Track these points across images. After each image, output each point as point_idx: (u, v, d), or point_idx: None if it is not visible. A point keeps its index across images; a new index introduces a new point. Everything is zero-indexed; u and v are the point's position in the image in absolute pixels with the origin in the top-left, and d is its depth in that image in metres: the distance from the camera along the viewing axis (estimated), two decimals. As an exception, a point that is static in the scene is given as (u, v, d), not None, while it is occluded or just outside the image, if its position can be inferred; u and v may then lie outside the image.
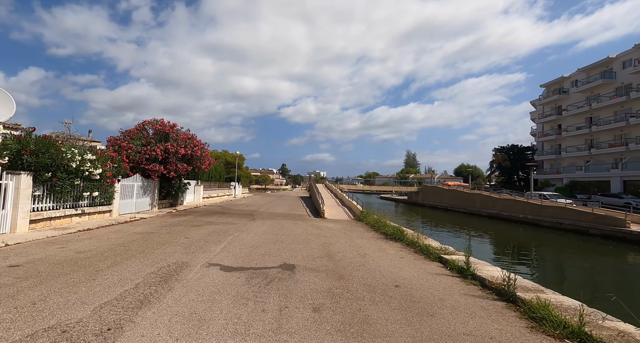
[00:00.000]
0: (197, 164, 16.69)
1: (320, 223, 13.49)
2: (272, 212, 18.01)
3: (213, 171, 27.86)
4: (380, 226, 11.70)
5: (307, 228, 11.69)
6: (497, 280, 5.01)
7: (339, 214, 17.61)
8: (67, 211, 9.46)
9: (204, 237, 8.78)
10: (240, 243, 8.19)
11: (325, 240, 9.20)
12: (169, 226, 10.55)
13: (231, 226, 11.24)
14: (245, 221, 12.94)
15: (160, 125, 15.51)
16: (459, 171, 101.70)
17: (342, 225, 13.36)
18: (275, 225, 12.34)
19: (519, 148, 52.74)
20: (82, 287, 4.29)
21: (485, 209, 28.97)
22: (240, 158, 65.30)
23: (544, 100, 46.55)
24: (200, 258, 6.34)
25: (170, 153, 14.88)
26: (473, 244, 16.35)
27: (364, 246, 8.56)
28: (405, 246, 8.69)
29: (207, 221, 12.35)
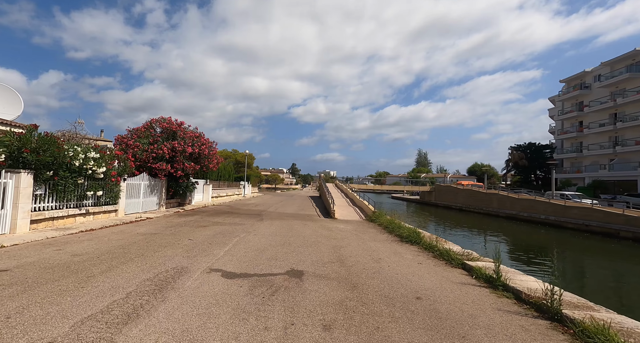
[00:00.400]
0: (205, 163, 16.38)
1: (331, 224, 12.94)
2: (281, 212, 17.56)
3: (222, 170, 27.66)
4: (394, 227, 11.06)
5: (317, 230, 11.15)
6: (536, 292, 4.35)
7: (350, 214, 17.01)
8: (71, 211, 9.21)
9: (208, 239, 8.36)
10: (246, 245, 7.72)
11: (336, 243, 8.64)
12: (174, 227, 10.21)
13: (238, 227, 10.81)
14: (253, 222, 12.51)
15: (168, 123, 15.26)
16: (472, 171, 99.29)
17: (354, 226, 12.77)
18: (283, 225, 11.86)
19: (536, 146, 50.83)
20: (68, 297, 3.87)
21: (503, 210, 27.78)
22: (250, 157, 65.29)
23: (563, 96, 44.61)
24: (201, 262, 5.89)
25: (177, 152, 14.61)
26: (493, 247, 15.40)
27: (377, 249, 7.97)
28: (422, 250, 8.04)
29: (214, 222, 11.97)
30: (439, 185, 43.03)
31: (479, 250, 12.17)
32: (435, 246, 7.81)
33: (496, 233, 20.94)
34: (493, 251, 6.45)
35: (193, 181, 17.05)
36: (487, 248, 13.16)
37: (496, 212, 28.73)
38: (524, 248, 15.66)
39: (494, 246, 15.80)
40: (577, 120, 42.15)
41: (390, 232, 10.96)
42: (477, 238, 18.40)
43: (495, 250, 5.97)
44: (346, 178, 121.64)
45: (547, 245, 17.44)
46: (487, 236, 19.80)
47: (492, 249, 14.19)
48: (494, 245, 16.18)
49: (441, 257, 7.14)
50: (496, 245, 9.60)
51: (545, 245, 17.36)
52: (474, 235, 19.84)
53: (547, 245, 17.44)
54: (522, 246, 16.72)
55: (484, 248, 14.68)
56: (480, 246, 15.32)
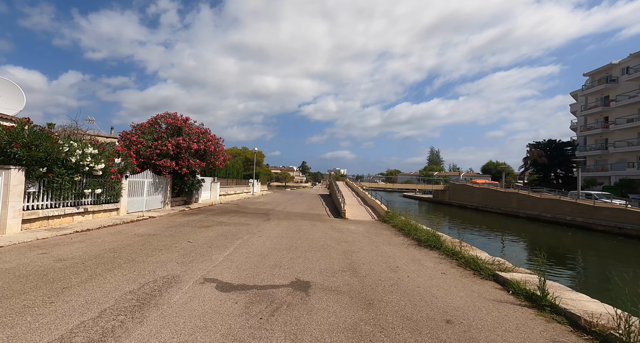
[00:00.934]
0: (211, 160, 15.86)
1: (341, 225, 12.18)
2: (289, 211, 16.90)
3: (230, 167, 27.24)
4: (410, 229, 10.22)
5: (327, 231, 10.41)
6: (600, 319, 3.49)
7: (362, 214, 16.20)
8: (68, 210, 8.76)
9: (209, 241, 7.74)
10: (249, 249, 7.05)
11: (347, 247, 7.88)
12: (175, 227, 9.66)
13: (242, 228, 10.18)
14: (259, 222, 11.88)
15: (173, 119, 14.78)
16: (486, 169, 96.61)
17: (366, 227, 11.97)
18: (291, 226, 11.17)
19: (557, 143, 48.52)
20: (28, 316, 3.26)
21: (524, 210, 26.37)
22: (260, 155, 65.01)
23: (587, 90, 42.34)
24: (196, 270, 5.24)
25: (182, 148, 14.11)
26: (517, 251, 14.19)
27: (393, 255, 7.17)
28: (444, 257, 7.20)
29: (218, 221, 11.39)
30: (454, 184, 41.55)
31: (507, 255, 11.25)
32: (459, 253, 6.96)
33: (519, 235, 19.69)
34: (525, 258, 5.59)
35: (199, 179, 16.58)
36: (515, 254, 12.13)
37: (515, 212, 27.31)
38: (555, 252, 14.45)
39: (521, 250, 14.66)
40: (602, 115, 39.90)
41: (406, 235, 10.12)
42: (499, 241, 17.23)
43: (542, 262, 5.08)
44: (357, 176, 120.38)
45: (579, 249, 16.15)
46: (510, 239, 18.58)
47: (522, 255, 13.06)
48: (521, 250, 15.04)
49: (467, 266, 6.28)
50: (529, 251, 8.64)
51: (577, 249, 16.08)
52: (495, 238, 18.65)
53: (579, 249, 16.15)
54: (552, 250, 15.48)
55: (510, 253, 13.61)
56: (507, 251, 14.19)
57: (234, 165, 28.21)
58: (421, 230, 9.80)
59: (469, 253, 6.87)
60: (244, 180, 31.85)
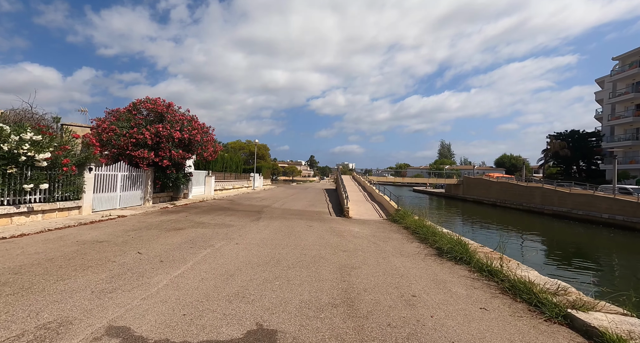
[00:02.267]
0: (198, 151, 14.14)
1: (343, 226, 10.32)
2: (287, 208, 15.12)
3: (228, 160, 25.60)
4: (426, 233, 8.29)
5: (324, 235, 8.57)
6: None
7: (368, 212, 14.30)
8: (3, 209, 7.14)
9: (167, 251, 6.00)
10: (213, 264, 5.27)
11: (346, 259, 6.02)
12: (139, 230, 7.96)
13: (222, 231, 8.42)
14: (246, 222, 10.12)
15: (153, 104, 13.05)
16: (500, 162, 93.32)
17: (372, 229, 10.08)
18: (282, 228, 9.37)
19: (580, 133, 45.35)
20: None
21: (549, 207, 23.94)
22: (264, 148, 63.46)
23: (616, 76, 38.96)
24: (111, 306, 3.47)
25: (162, 137, 12.40)
26: (563, 260, 11.73)
27: (408, 273, 5.28)
28: (477, 276, 5.27)
29: (197, 222, 9.67)
30: (468, 177, 39.02)
31: (559, 271, 9.29)
32: (500, 272, 5.02)
33: (550, 236, 17.38)
34: (580, 271, 3.64)
35: (187, 173, 14.91)
36: (566, 266, 10.00)
37: (540, 209, 24.89)
38: (610, 263, 12.15)
39: (567, 259, 12.20)
40: (634, 103, 36.67)
41: (421, 240, 8.19)
42: (531, 244, 14.92)
43: (609, 281, 3.10)
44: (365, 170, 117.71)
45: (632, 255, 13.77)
46: (541, 241, 16.27)
47: (574, 267, 10.72)
48: (567, 258, 12.63)
49: (517, 295, 4.35)
50: (581, 260, 6.56)
51: (629, 255, 13.71)
52: (524, 240, 16.36)
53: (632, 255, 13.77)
54: (603, 259, 13.18)
55: (554, 263, 11.48)
56: (550, 261, 11.96)
57: (232, 158, 26.59)
58: (441, 234, 7.85)
59: (514, 273, 4.92)
60: (245, 174, 30.24)
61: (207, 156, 14.73)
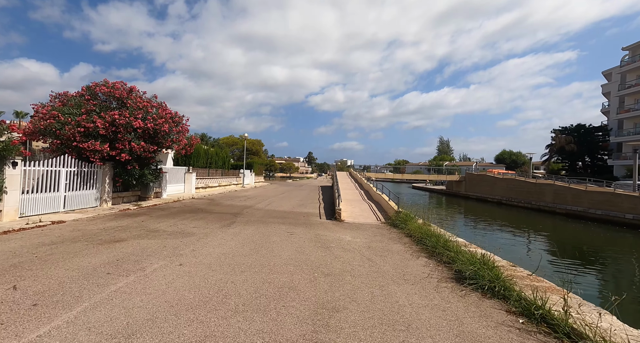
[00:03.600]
0: (168, 144, 12.21)
1: (332, 233, 8.45)
2: (272, 209, 13.25)
3: (214, 156, 23.63)
4: (436, 244, 6.45)
5: (305, 247, 6.69)
6: None
7: (363, 214, 12.45)
8: None
9: (62, 283, 4.11)
10: (112, 312, 3.39)
11: (325, 292, 4.15)
12: (58, 244, 6.07)
13: (173, 243, 6.54)
14: (213, 229, 8.24)
15: (109, 87, 11.07)
16: (500, 158, 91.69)
17: (367, 236, 8.22)
18: (255, 237, 7.50)
19: (586, 128, 43.57)
20: None
21: (562, 205, 22.13)
22: (258, 144, 61.33)
23: (626, 67, 37.07)
24: None
25: (119, 126, 10.44)
26: (611, 277, 9.70)
27: (417, 320, 3.41)
28: (527, 326, 3.40)
29: (150, 230, 7.78)
30: (471, 174, 37.17)
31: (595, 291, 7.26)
32: (565, 323, 3.16)
33: (571, 239, 15.45)
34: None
35: (155, 168, 12.94)
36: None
37: (551, 208, 23.08)
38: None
39: (614, 277, 10.05)
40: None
41: (429, 253, 6.35)
42: (558, 253, 12.94)
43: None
44: (363, 166, 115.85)
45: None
46: (566, 246, 14.38)
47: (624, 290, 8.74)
48: (613, 276, 10.46)
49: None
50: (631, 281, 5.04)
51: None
52: (545, 244, 14.43)
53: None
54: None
55: (605, 282, 9.60)
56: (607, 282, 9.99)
57: (218, 153, 24.61)
58: (457, 248, 5.99)
59: (589, 325, 3.05)
60: (234, 171, 28.30)
61: (180, 149, 12.80)
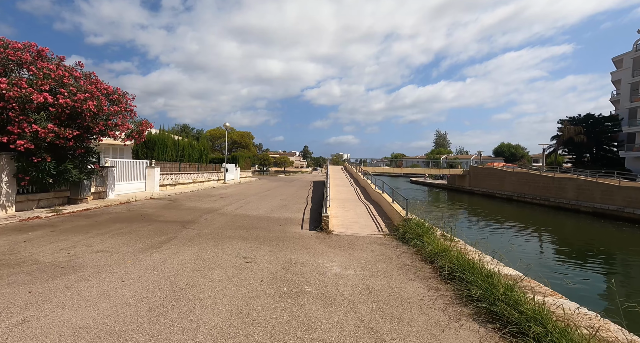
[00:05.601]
0: (98, 129, 9.12)
1: (312, 258, 5.57)
2: (241, 214, 10.32)
3: (187, 147, 20.50)
4: (487, 294, 3.57)
5: (259, 296, 3.78)
6: None
7: (360, 220, 9.59)
8: None
9: None
10: None
11: None
12: None
13: (16, 293, 3.57)
14: (129, 254, 5.30)
15: (3, 47, 7.88)
16: (499, 151, 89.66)
17: (365, 265, 5.34)
18: (184, 272, 4.58)
19: (595, 118, 41.03)
20: None
21: (588, 203, 19.49)
22: (248, 136, 57.81)
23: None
24: None
25: (9, 100, 7.32)
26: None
27: None
28: None
29: (18, 260, 4.81)
30: (476, 167, 34.45)
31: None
32: None
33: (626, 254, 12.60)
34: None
35: (83, 161, 9.78)
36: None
37: (574, 205, 20.43)
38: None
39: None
40: (663, 81, 32.21)
41: (479, 311, 3.46)
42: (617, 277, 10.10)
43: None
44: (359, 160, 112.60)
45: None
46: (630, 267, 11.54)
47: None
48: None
49: None
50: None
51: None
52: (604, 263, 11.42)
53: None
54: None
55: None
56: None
57: (193, 145, 21.48)
58: (534, 308, 3.12)
59: None
60: (215, 165, 25.19)
61: (112, 135, 9.72)
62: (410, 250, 6.23)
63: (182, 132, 40.20)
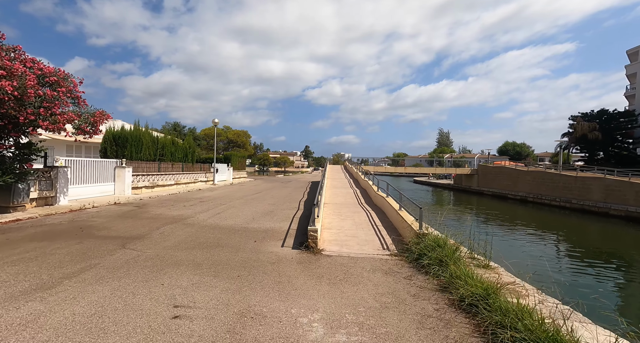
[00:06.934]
0: (24, 119, 7.19)
1: (282, 304, 3.60)
2: (211, 225, 8.36)
3: (169, 145, 18.53)
4: None
5: None
6: None
7: (359, 233, 7.63)
8: None
9: None
10: None
11: None
12: None
13: None
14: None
15: None
16: (503, 150, 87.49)
17: (364, 320, 3.33)
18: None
19: (610, 113, 38.86)
20: None
21: (619, 205, 17.39)
22: (245, 135, 55.66)
23: (663, 40, 32.08)
24: None
25: None
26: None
27: None
28: None
29: None
30: (485, 166, 32.30)
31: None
32: None
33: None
34: None
35: (29, 158, 7.87)
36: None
37: (601, 208, 18.32)
38: None
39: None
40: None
41: None
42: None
43: None
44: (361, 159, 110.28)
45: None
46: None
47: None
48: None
49: None
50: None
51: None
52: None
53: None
54: None
55: None
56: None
57: (175, 143, 19.49)
58: None
59: None
60: (204, 165, 23.25)
61: (55, 128, 7.77)
62: (430, 284, 4.26)
63: (173, 130, 38.31)
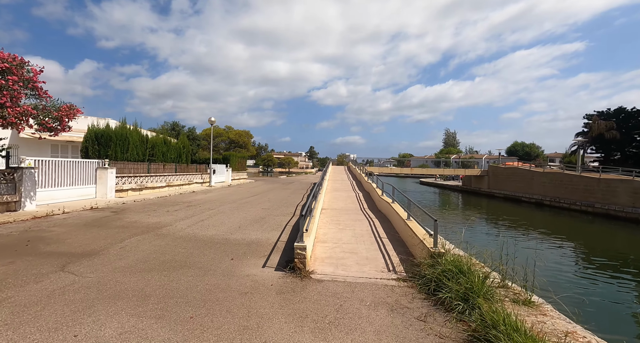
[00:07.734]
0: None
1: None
2: (189, 235, 7.23)
3: (160, 145, 17.50)
4: None
5: None
6: None
7: (359, 249, 6.43)
8: None
9: None
10: None
11: None
12: None
13: None
14: None
15: None
16: (512, 150, 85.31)
17: None
18: None
19: (628, 112, 36.95)
20: None
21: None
22: (247, 135, 54.68)
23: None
24: None
25: None
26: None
27: None
28: None
29: None
30: (496, 167, 30.69)
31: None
32: None
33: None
34: None
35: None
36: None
37: (629, 213, 16.69)
38: None
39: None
40: None
41: None
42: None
43: None
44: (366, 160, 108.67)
45: None
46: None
47: None
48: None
49: None
50: None
51: None
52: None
53: None
54: None
55: None
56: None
57: (167, 142, 18.45)
58: None
59: None
60: (200, 165, 22.22)
61: (6, 123, 6.73)
62: (454, 331, 3.04)
63: (172, 130, 37.49)
